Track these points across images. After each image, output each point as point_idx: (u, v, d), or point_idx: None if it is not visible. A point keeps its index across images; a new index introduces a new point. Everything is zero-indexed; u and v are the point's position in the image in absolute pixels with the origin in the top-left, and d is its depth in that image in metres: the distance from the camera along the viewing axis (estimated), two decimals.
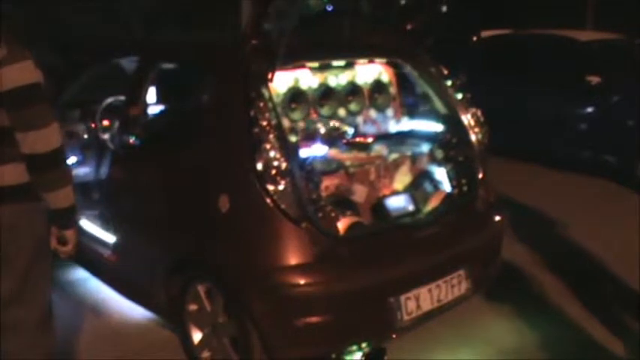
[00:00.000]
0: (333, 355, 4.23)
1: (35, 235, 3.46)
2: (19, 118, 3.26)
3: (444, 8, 5.01)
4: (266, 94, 4.12)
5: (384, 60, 5.47)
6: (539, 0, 19.86)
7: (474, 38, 12.55)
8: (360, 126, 5.42)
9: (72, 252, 3.68)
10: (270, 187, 3.96)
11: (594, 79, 9.90)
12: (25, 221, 3.40)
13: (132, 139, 5.09)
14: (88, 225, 5.57)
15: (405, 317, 4.27)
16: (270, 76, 4.19)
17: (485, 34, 12.49)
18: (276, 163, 3.96)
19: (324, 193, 4.45)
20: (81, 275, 5.80)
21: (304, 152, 4.62)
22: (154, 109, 5.51)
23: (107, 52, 6.27)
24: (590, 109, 10.08)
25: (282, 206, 3.96)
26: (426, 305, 4.39)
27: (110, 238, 5.26)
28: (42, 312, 3.56)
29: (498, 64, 11.52)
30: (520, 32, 12.23)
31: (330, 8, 4.69)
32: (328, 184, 4.59)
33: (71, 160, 5.67)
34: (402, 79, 5.58)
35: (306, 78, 5.15)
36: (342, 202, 4.58)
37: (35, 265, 3.48)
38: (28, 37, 3.44)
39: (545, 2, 19.56)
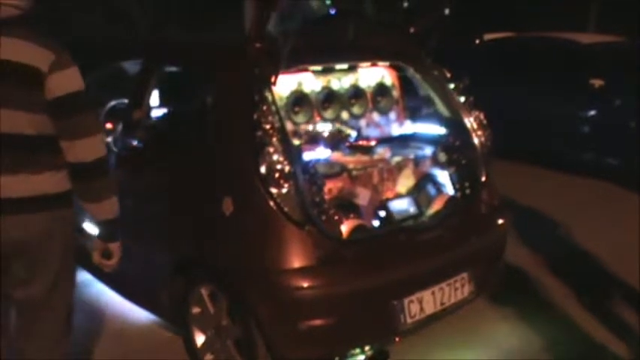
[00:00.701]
0: (337, 358, 4.24)
1: (66, 242, 3.44)
2: (67, 127, 3.22)
3: (447, 11, 5.01)
4: (269, 97, 4.13)
5: (387, 63, 5.48)
6: (541, 3, 19.87)
7: (477, 41, 12.56)
8: (363, 129, 5.43)
9: (116, 266, 3.62)
10: (274, 190, 3.98)
11: (597, 82, 9.90)
12: (58, 229, 3.37)
13: (135, 142, 5.10)
14: (91, 228, 5.57)
15: (409, 320, 4.28)
16: (273, 79, 4.20)
17: (488, 36, 12.49)
18: (279, 167, 3.98)
19: (327, 196, 4.44)
20: (84, 278, 5.81)
21: (307, 155, 4.62)
22: (157, 112, 5.51)
23: (111, 54, 6.28)
24: (592, 112, 10.09)
25: (286, 209, 3.98)
26: (430, 308, 4.40)
27: None
28: (66, 317, 3.56)
29: (501, 67, 11.52)
30: (523, 35, 12.24)
31: (333, 11, 4.70)
32: (331, 187, 4.59)
33: None
34: (405, 82, 5.59)
35: (309, 81, 5.16)
36: (346, 205, 4.57)
37: (64, 272, 3.48)
38: None
39: (547, 5, 19.57)
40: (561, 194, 9.23)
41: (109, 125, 5.46)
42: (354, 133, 5.21)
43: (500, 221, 5.08)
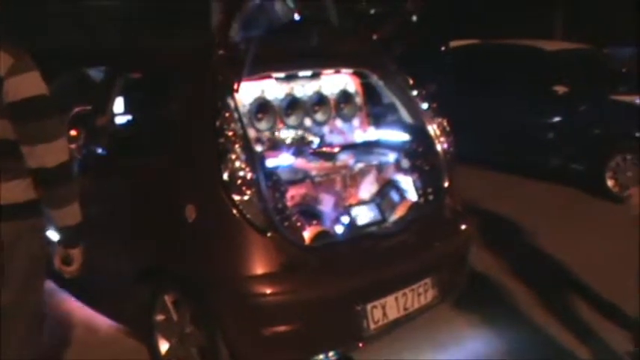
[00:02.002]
0: None
1: (34, 250, 3.38)
2: (27, 131, 3.16)
3: (414, 18, 5.03)
4: (232, 104, 4.14)
5: (350, 70, 5.49)
6: (507, 10, 20.02)
7: (443, 48, 12.63)
8: (326, 136, 5.44)
9: (77, 272, 3.56)
10: (236, 197, 3.98)
11: (561, 89, 10.00)
12: (26, 238, 3.32)
13: (99, 149, 5.08)
14: (54, 235, 5.54)
15: (372, 326, 4.30)
16: (236, 86, 4.20)
17: (454, 43, 12.56)
18: (242, 173, 3.98)
19: (290, 203, 4.46)
20: (48, 287, 5.77)
21: (270, 162, 4.63)
22: (120, 119, 5.49)
23: (76, 61, 6.26)
24: (557, 118, 10.19)
25: (248, 216, 3.98)
26: (393, 314, 4.41)
27: None
28: (35, 325, 3.51)
29: (467, 74, 11.60)
30: (488, 42, 12.32)
31: (297, 18, 4.71)
32: (294, 193, 4.60)
33: None
34: (368, 89, 5.60)
35: (273, 88, 5.15)
36: (309, 211, 4.60)
37: (33, 280, 3.43)
38: None
39: (513, 12, 19.73)
40: (527, 200, 9.30)
41: (73, 132, 5.43)
42: (317, 140, 5.22)
43: (464, 227, 5.11)
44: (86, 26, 18.18)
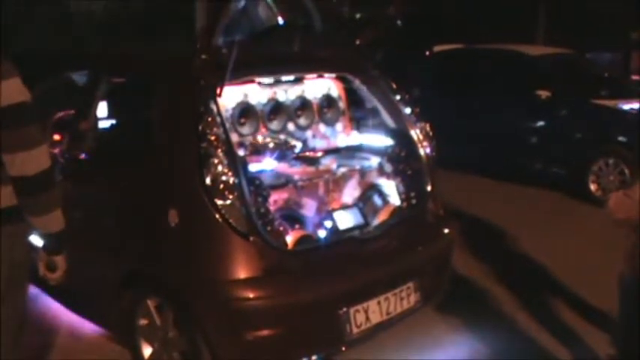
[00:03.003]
0: None
1: (16, 257, 3.33)
2: (8, 139, 3.11)
3: (399, 22, 5.05)
4: (214, 108, 4.15)
5: (333, 75, 5.50)
6: (490, 15, 20.09)
7: (427, 53, 12.66)
8: (309, 140, 5.45)
9: (62, 279, 3.52)
10: (219, 202, 3.99)
11: (543, 93, 10.04)
12: (8, 244, 3.28)
13: (82, 154, 5.08)
14: (37, 240, 5.52)
15: (355, 330, 4.31)
16: (219, 90, 4.21)
17: (437, 48, 12.60)
18: (224, 178, 3.99)
19: (272, 207, 4.46)
20: (31, 292, 5.76)
21: (253, 167, 4.63)
22: (104, 123, 5.48)
23: (59, 65, 6.23)
24: (539, 123, 10.26)
25: (231, 220, 3.99)
26: (375, 318, 4.43)
27: None
28: (15, 331, 3.46)
29: (450, 79, 11.64)
30: (471, 47, 12.37)
31: (281, 22, 4.71)
32: (277, 198, 4.62)
33: None
34: (351, 94, 5.61)
35: (256, 92, 5.15)
36: (291, 216, 4.62)
37: (16, 287, 3.39)
38: None
39: (496, 18, 19.80)
40: (510, 204, 9.33)
41: (56, 137, 5.42)
42: (299, 145, 5.22)
43: (447, 231, 5.13)
44: (73, 30, 18.13)
